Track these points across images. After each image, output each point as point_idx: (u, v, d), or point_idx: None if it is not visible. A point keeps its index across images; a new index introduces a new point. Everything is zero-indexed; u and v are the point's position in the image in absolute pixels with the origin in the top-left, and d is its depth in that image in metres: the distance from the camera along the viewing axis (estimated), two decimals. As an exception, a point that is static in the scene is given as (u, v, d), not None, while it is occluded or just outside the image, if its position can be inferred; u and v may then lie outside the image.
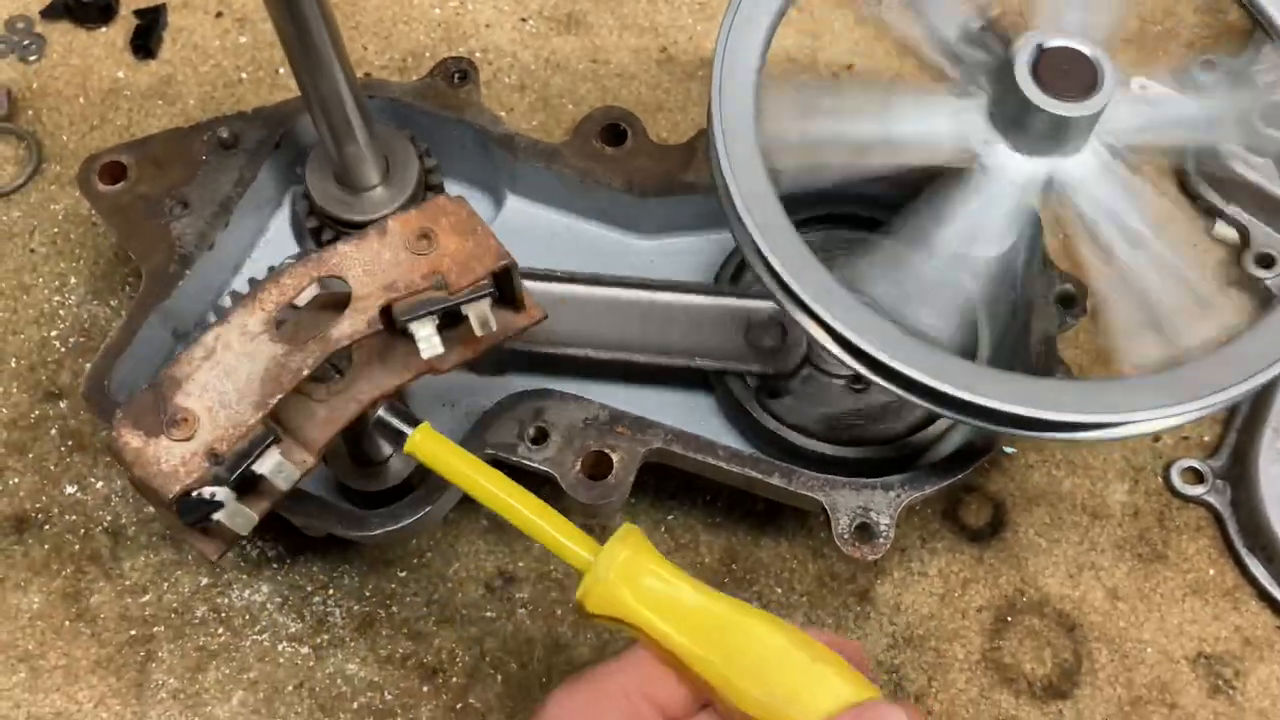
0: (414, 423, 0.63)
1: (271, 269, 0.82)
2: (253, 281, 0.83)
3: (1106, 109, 0.66)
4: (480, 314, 0.64)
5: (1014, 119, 0.67)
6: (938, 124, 0.70)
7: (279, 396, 0.61)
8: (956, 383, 0.62)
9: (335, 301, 0.64)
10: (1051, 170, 0.69)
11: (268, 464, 0.61)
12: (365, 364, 0.65)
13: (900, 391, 0.64)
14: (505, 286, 0.66)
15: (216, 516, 0.60)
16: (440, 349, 0.63)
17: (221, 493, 0.60)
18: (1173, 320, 0.68)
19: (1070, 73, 0.65)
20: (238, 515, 0.61)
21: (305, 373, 0.61)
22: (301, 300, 0.64)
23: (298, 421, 0.64)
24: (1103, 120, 0.67)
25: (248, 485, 0.62)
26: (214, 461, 0.60)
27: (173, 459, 0.59)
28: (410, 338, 0.63)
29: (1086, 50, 0.67)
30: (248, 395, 0.61)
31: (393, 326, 0.63)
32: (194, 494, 0.59)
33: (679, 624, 0.56)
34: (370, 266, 0.63)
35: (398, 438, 0.63)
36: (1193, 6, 1.16)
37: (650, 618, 0.57)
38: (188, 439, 0.60)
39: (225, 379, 0.61)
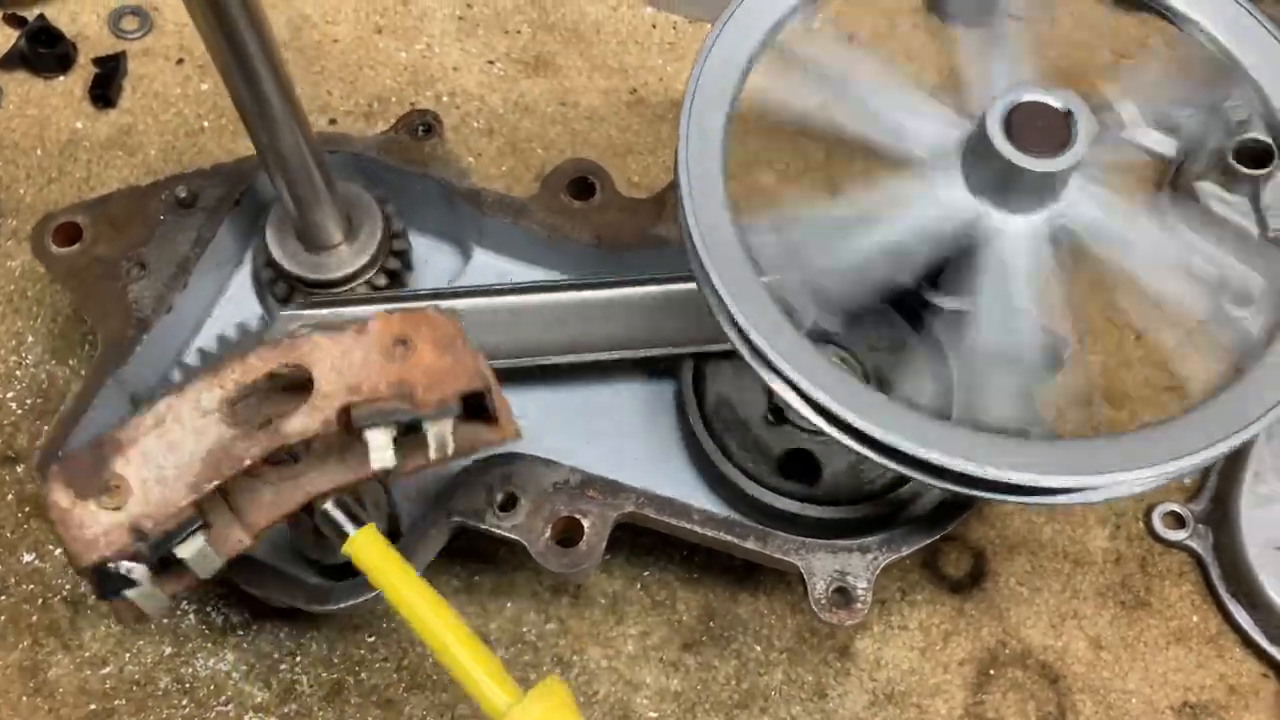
0: (360, 522, 0.62)
1: (240, 326, 0.80)
2: (202, 353, 0.81)
3: (1075, 190, 0.66)
4: (439, 435, 0.62)
5: (999, 184, 0.66)
6: (923, 123, 0.68)
7: (215, 483, 0.59)
8: (925, 443, 0.61)
9: (297, 384, 0.62)
10: (1049, 218, 0.67)
11: (190, 549, 0.59)
12: (322, 455, 0.63)
13: (872, 454, 0.63)
14: (478, 405, 0.65)
15: (129, 594, 0.59)
16: (391, 462, 0.61)
17: (138, 570, 0.58)
18: (987, 391, 0.68)
19: (1044, 128, 0.64)
20: (151, 597, 0.60)
21: (248, 462, 0.60)
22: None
23: (242, 500, 0.62)
24: (1066, 200, 0.67)
25: (167, 564, 0.60)
26: (137, 537, 0.58)
27: (96, 526, 0.58)
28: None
29: (1055, 102, 0.65)
30: (185, 474, 0.59)
31: (350, 427, 0.61)
32: (111, 566, 0.58)
33: None
34: (340, 364, 0.61)
35: (339, 535, 0.62)
36: (1164, 40, 1.16)
37: None
38: (116, 508, 0.58)
39: (168, 452, 0.60)
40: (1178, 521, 0.92)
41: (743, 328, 0.63)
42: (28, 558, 0.87)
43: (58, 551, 0.87)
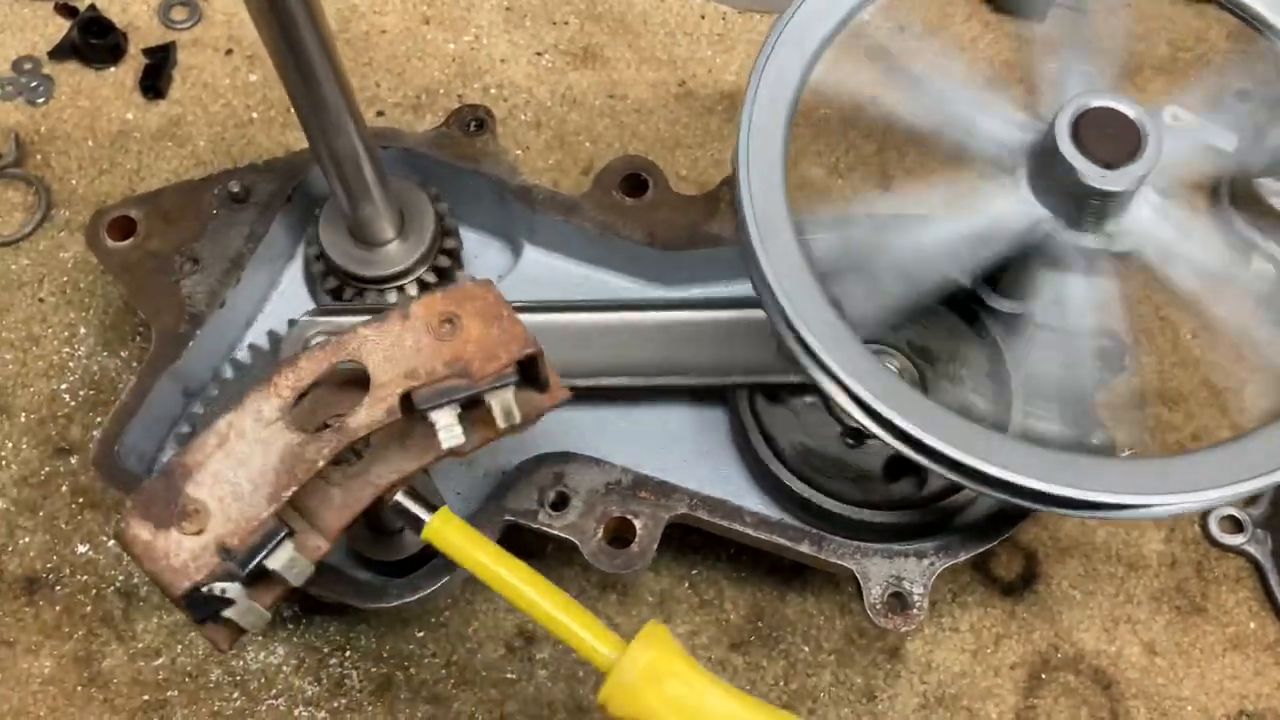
0: (433, 508, 0.61)
1: (291, 320, 0.80)
2: (253, 349, 0.81)
3: (1139, 202, 0.64)
4: (504, 403, 0.62)
5: (1066, 194, 0.64)
6: (986, 213, 0.67)
7: (293, 489, 0.59)
8: (990, 459, 0.60)
9: (353, 379, 0.62)
10: (1114, 230, 0.66)
11: (280, 559, 0.59)
12: (384, 446, 0.63)
13: (929, 463, 0.62)
14: (530, 370, 0.64)
15: (227, 613, 0.59)
16: (461, 439, 0.61)
17: (232, 589, 0.58)
18: (1272, 349, 0.66)
19: (1115, 135, 0.63)
20: (249, 613, 0.60)
21: (320, 464, 0.59)
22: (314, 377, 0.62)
23: (312, 505, 0.62)
24: (1132, 214, 0.65)
25: (259, 578, 0.60)
26: (225, 556, 0.58)
27: (182, 553, 0.58)
28: (431, 422, 0.61)
29: (1127, 111, 0.64)
30: (261, 486, 0.59)
31: (412, 412, 0.61)
32: (204, 589, 0.58)
33: None
34: (391, 352, 0.61)
35: (415, 523, 0.61)
36: (1224, 32, 1.13)
37: None
38: (198, 532, 0.58)
39: (238, 468, 0.59)
40: (1235, 526, 0.90)
41: (805, 339, 0.62)
42: (82, 549, 0.88)
43: (110, 543, 0.88)
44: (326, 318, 0.79)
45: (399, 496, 0.63)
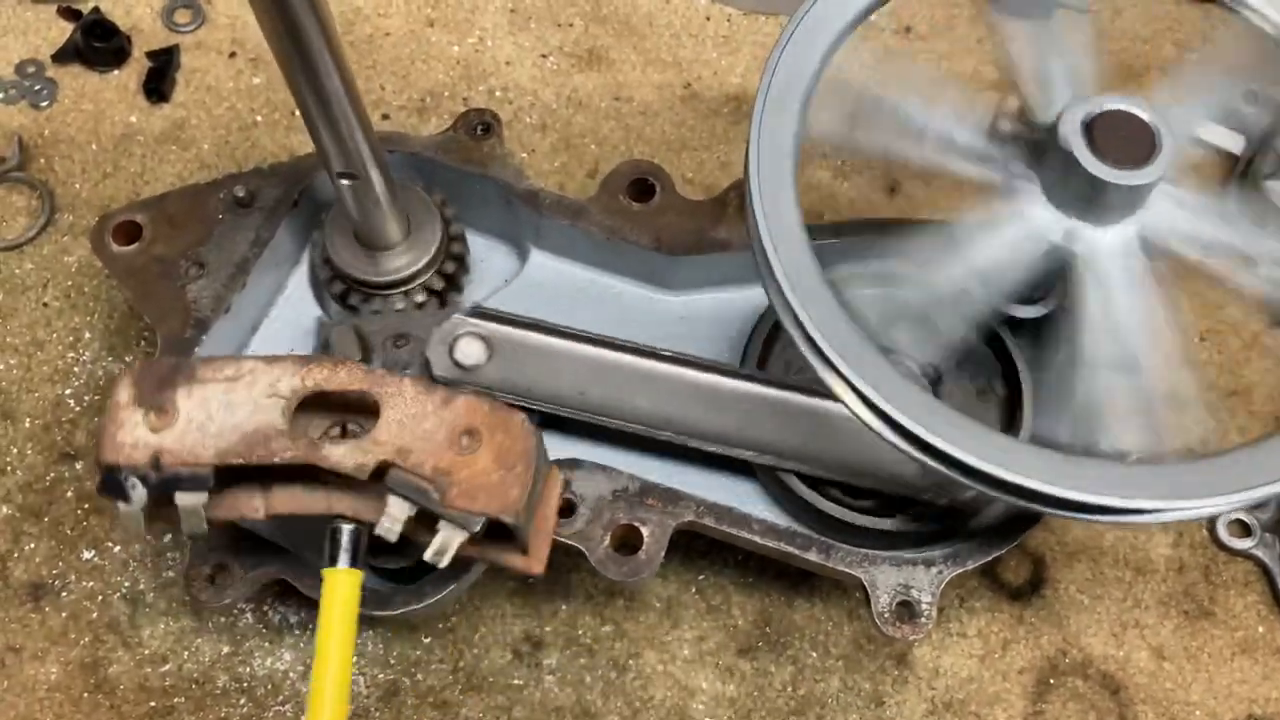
0: (354, 564, 0.63)
1: (322, 319, 0.79)
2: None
3: (1157, 194, 0.64)
4: (444, 541, 0.61)
5: (1085, 198, 0.64)
6: (1011, 237, 0.67)
7: (239, 461, 0.60)
8: (1000, 463, 0.60)
9: (357, 404, 0.62)
10: (1139, 228, 0.66)
11: (185, 500, 0.61)
12: (349, 482, 0.63)
13: (942, 468, 0.62)
14: (506, 532, 0.64)
15: (120, 506, 0.62)
16: (393, 537, 0.62)
17: (137, 493, 0.61)
18: (1109, 414, 0.66)
19: (1127, 137, 0.62)
20: (132, 519, 0.62)
21: (274, 461, 0.60)
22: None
23: (277, 478, 0.63)
24: (1151, 207, 0.65)
25: (164, 502, 0.62)
26: (153, 465, 0.60)
27: (131, 435, 0.61)
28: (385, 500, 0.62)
29: (1137, 111, 0.64)
30: (224, 437, 0.61)
31: (380, 480, 0.61)
32: (120, 474, 0.61)
33: None
34: (407, 421, 0.61)
35: (330, 558, 0.63)
36: (1232, 32, 1.13)
37: None
38: (155, 430, 0.60)
39: (224, 410, 0.61)
40: (1243, 530, 0.90)
41: (818, 344, 0.62)
42: (87, 554, 0.88)
43: (117, 549, 0.88)
44: (480, 321, 0.78)
45: (342, 526, 0.64)
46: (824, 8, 0.70)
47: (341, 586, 0.64)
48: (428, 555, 0.62)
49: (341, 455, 0.60)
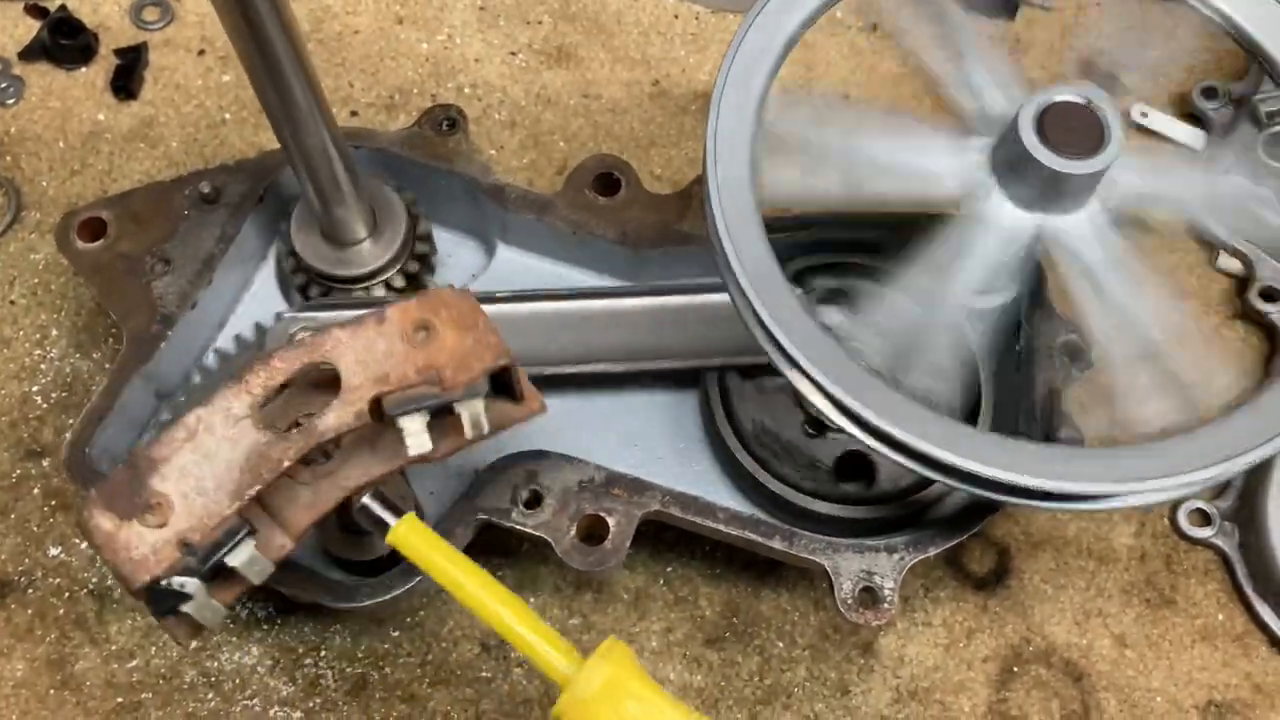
0: (399, 512, 0.61)
1: (258, 325, 0.80)
2: (238, 340, 0.81)
3: (1111, 170, 0.65)
4: (473, 414, 0.62)
5: (1011, 166, 0.65)
6: (939, 159, 0.68)
7: (257, 488, 0.59)
8: (957, 450, 0.61)
9: (324, 380, 0.62)
10: (1041, 225, 0.67)
11: (240, 557, 0.59)
12: (353, 448, 0.63)
13: (897, 456, 0.63)
14: (503, 381, 0.64)
15: (185, 608, 0.59)
16: (428, 447, 0.61)
17: (191, 584, 0.58)
18: (1131, 394, 0.67)
19: (1077, 129, 0.63)
20: (206, 608, 0.60)
21: (286, 464, 0.59)
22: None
23: (279, 503, 0.62)
24: (1106, 182, 0.65)
25: (219, 574, 0.60)
26: (186, 551, 0.58)
27: (143, 546, 0.58)
28: (399, 428, 0.61)
29: (1099, 109, 0.65)
30: (226, 483, 0.59)
31: (382, 417, 0.61)
32: (163, 583, 0.58)
33: None
34: (364, 356, 0.61)
35: (381, 527, 0.62)
36: (1193, 30, 1.14)
37: None
38: (160, 525, 0.58)
39: (204, 464, 0.59)
40: (1204, 519, 0.91)
41: (771, 330, 0.63)
42: (54, 551, 0.87)
43: (83, 545, 0.88)
44: (310, 313, 0.78)
45: (366, 499, 0.63)
46: (780, 3, 0.70)
47: (412, 534, 0.62)
48: (468, 433, 0.62)
49: (336, 419, 0.60)
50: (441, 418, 0.62)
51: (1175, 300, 0.68)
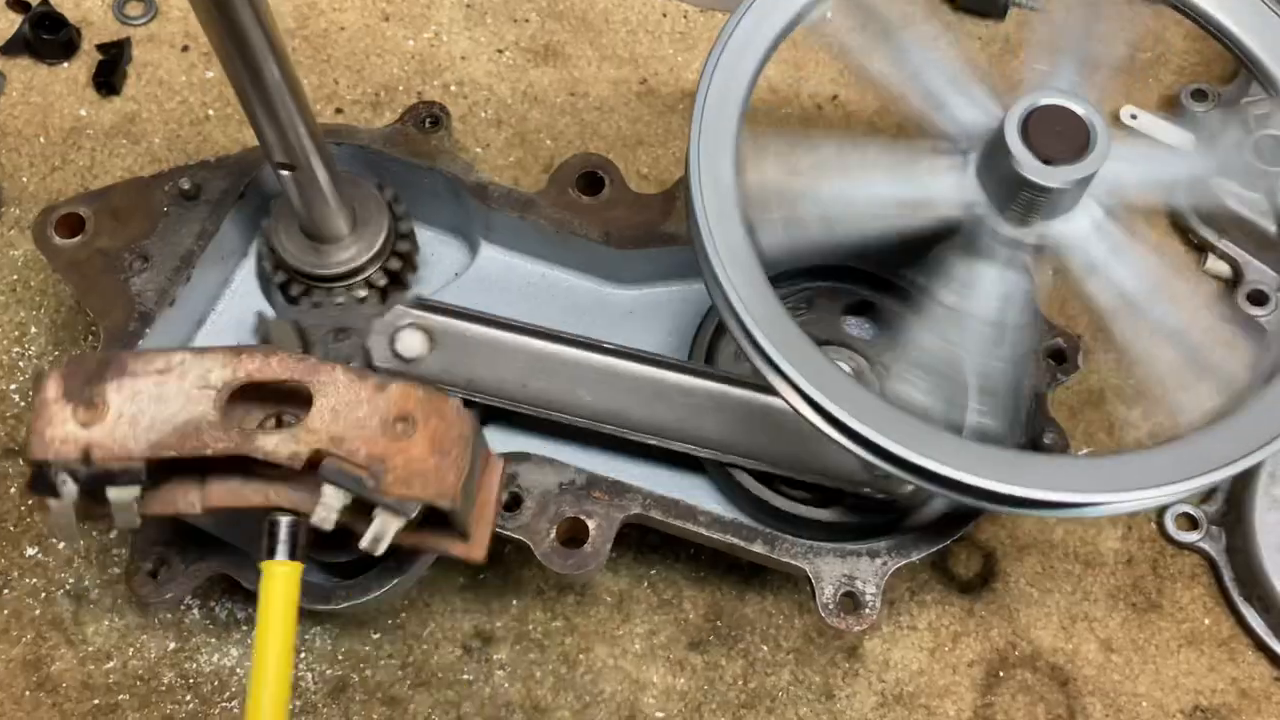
0: (294, 557, 0.62)
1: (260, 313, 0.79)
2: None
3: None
4: (380, 529, 0.61)
5: (1003, 181, 0.64)
6: (928, 184, 0.67)
7: (171, 454, 0.60)
8: (944, 460, 0.60)
9: (296, 396, 0.61)
10: (1044, 232, 0.66)
11: (118, 495, 0.60)
12: (285, 474, 0.62)
13: (881, 462, 0.62)
14: (443, 518, 0.63)
15: (50, 503, 0.60)
16: (329, 526, 0.61)
17: (68, 489, 0.59)
18: (1169, 383, 0.66)
19: (1062, 134, 0.63)
20: (64, 516, 0.61)
21: (207, 452, 0.60)
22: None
23: (214, 472, 0.63)
24: (1098, 178, 0.65)
25: (94, 494, 0.61)
26: (83, 460, 0.59)
27: (59, 429, 0.59)
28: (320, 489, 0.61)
29: (1079, 110, 0.64)
30: (155, 431, 0.60)
31: (314, 471, 0.61)
32: (49, 470, 0.59)
33: None
34: (340, 409, 0.61)
35: (267, 550, 0.63)
36: (1182, 33, 1.14)
37: None
38: (84, 425, 0.59)
39: (155, 402, 0.60)
40: (1190, 523, 0.91)
41: (755, 337, 0.62)
42: (30, 551, 0.87)
43: (61, 545, 0.87)
44: (422, 312, 0.77)
45: (280, 519, 0.63)
46: (765, 3, 0.70)
47: (280, 579, 0.63)
48: (363, 544, 0.61)
49: (275, 445, 0.60)
50: (363, 509, 0.62)
51: (1187, 282, 0.67)
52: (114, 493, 0.60)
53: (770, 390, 0.63)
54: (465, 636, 0.86)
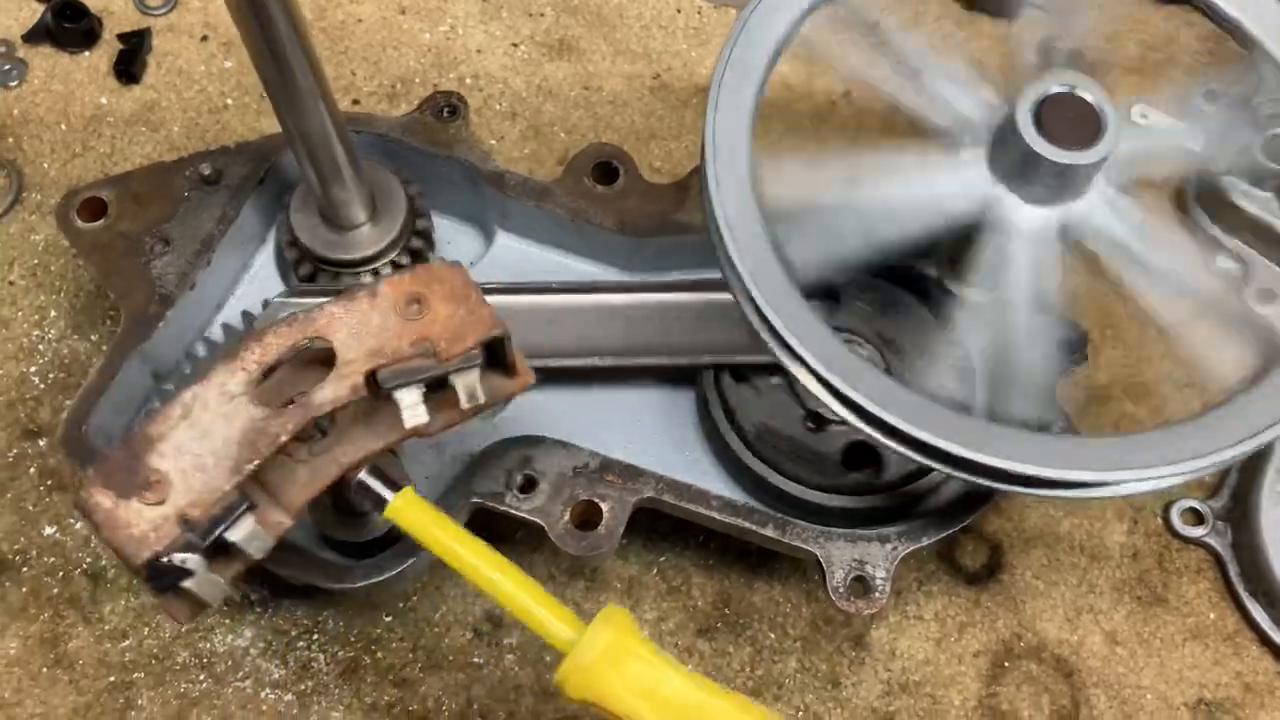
0: (396, 487, 0.61)
1: (265, 301, 0.80)
2: (226, 328, 0.81)
3: (1096, 195, 0.65)
4: (468, 385, 0.62)
5: (1019, 170, 0.65)
6: (943, 182, 0.68)
7: (255, 463, 0.59)
8: (953, 438, 0.61)
9: (319, 358, 0.62)
10: (1064, 217, 0.67)
11: (241, 532, 0.59)
12: (349, 425, 0.63)
13: (896, 445, 0.63)
14: (497, 353, 0.64)
15: (186, 584, 0.59)
16: (425, 418, 0.61)
17: (192, 560, 0.58)
18: (1203, 348, 0.67)
19: (1074, 120, 0.64)
20: (207, 584, 0.60)
21: (283, 439, 0.60)
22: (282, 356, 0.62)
23: (276, 481, 0.62)
24: (1085, 202, 0.66)
25: (219, 550, 0.60)
26: (186, 527, 0.58)
27: (143, 523, 0.58)
28: (395, 401, 0.61)
29: (1089, 97, 0.65)
30: (224, 459, 0.59)
31: (378, 391, 0.61)
32: (164, 559, 0.58)
33: (661, 712, 0.55)
34: (357, 330, 0.61)
35: (379, 502, 0.62)
36: (1194, 34, 1.15)
37: (635, 705, 0.55)
38: (159, 502, 0.58)
39: (201, 440, 0.59)
40: (1196, 518, 0.91)
41: (769, 319, 0.63)
42: (49, 530, 0.88)
43: (78, 525, 0.88)
44: (300, 299, 0.79)
45: (363, 475, 0.63)
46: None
47: (411, 509, 0.62)
48: (464, 404, 0.62)
49: (332, 393, 0.60)
50: (437, 391, 0.63)
51: (1204, 250, 0.68)
52: (235, 532, 0.59)
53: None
54: (476, 620, 0.86)
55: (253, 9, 0.63)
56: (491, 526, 0.85)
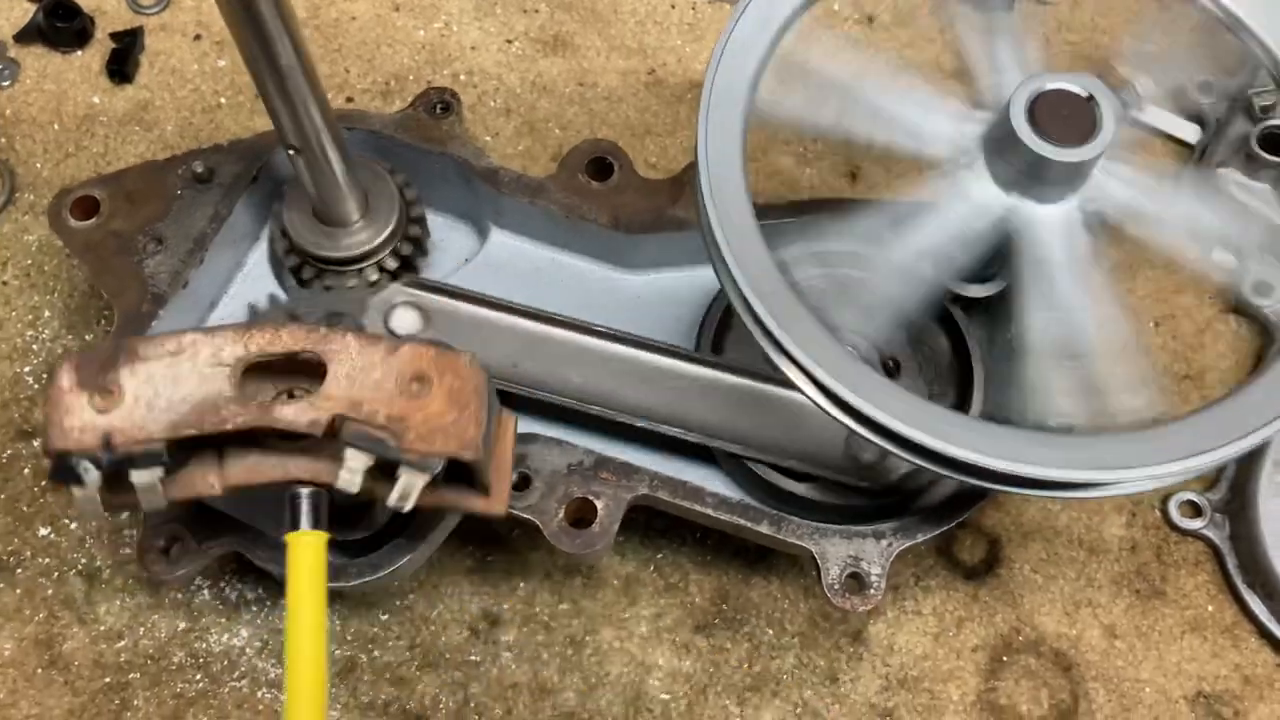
0: (318, 526, 0.62)
1: (272, 296, 0.80)
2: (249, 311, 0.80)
3: (1097, 172, 0.65)
4: (407, 486, 0.61)
5: (1028, 176, 0.65)
6: (936, 122, 0.68)
7: (191, 432, 0.60)
8: (949, 439, 0.61)
9: (310, 370, 0.62)
10: (1015, 208, 0.67)
11: (141, 478, 0.61)
12: (304, 445, 0.63)
13: (889, 446, 0.63)
14: (466, 473, 0.64)
15: (75, 491, 0.61)
16: (354, 489, 0.61)
17: (91, 475, 0.60)
18: (1051, 389, 0.68)
19: (1068, 118, 0.63)
20: (89, 502, 0.62)
21: (226, 428, 0.60)
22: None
23: (230, 451, 0.63)
24: (1091, 183, 0.66)
25: (116, 481, 0.62)
26: (104, 446, 0.60)
27: (77, 418, 0.60)
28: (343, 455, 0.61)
29: (1076, 88, 0.65)
30: (172, 411, 0.60)
31: (335, 436, 0.61)
32: (71, 460, 0.60)
33: None
34: (355, 374, 0.61)
35: (291, 523, 0.63)
36: (1189, 26, 1.14)
37: None
38: (102, 411, 0.60)
39: (169, 384, 0.60)
40: (1195, 510, 0.91)
41: (762, 320, 0.63)
42: (43, 531, 0.87)
43: (73, 526, 0.88)
44: (416, 290, 0.78)
45: (301, 491, 0.63)
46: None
47: (307, 549, 0.62)
48: (391, 501, 0.62)
49: (294, 414, 0.60)
50: (387, 470, 0.62)
51: (1120, 312, 0.69)
52: (137, 476, 0.61)
53: (756, 376, 0.64)
54: (473, 618, 0.86)
55: (243, 8, 0.63)
56: (485, 526, 0.85)
